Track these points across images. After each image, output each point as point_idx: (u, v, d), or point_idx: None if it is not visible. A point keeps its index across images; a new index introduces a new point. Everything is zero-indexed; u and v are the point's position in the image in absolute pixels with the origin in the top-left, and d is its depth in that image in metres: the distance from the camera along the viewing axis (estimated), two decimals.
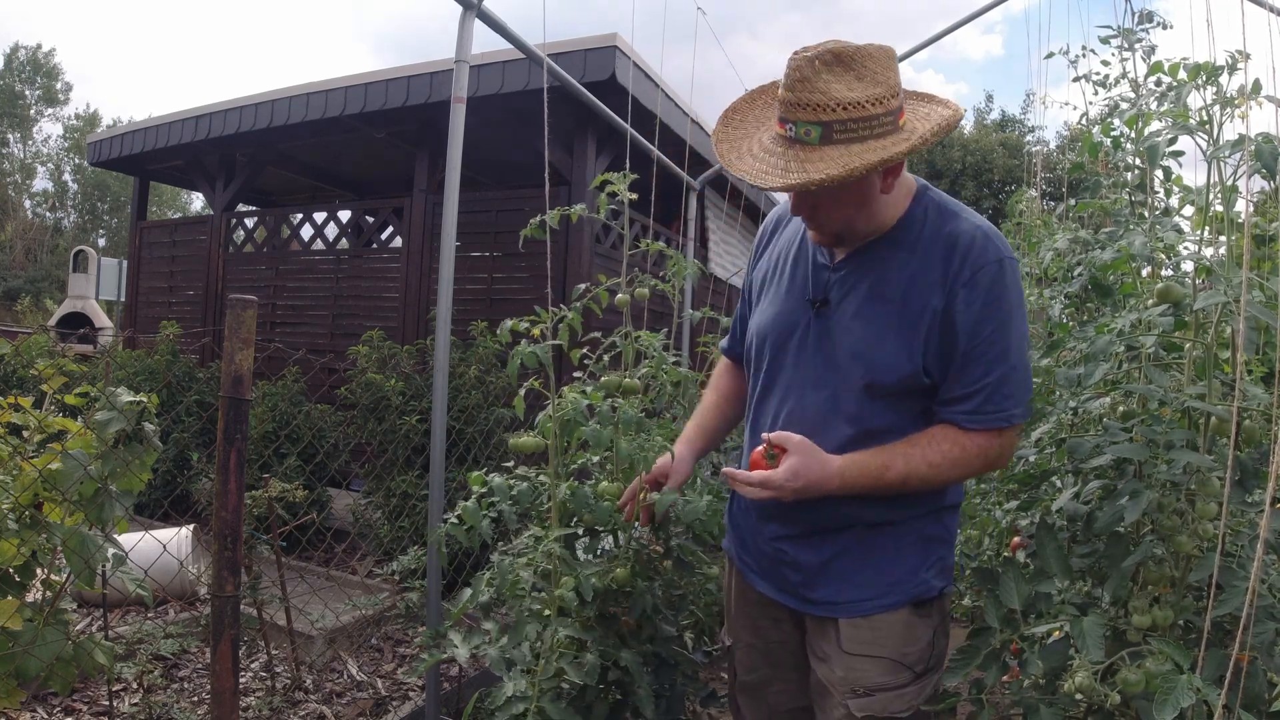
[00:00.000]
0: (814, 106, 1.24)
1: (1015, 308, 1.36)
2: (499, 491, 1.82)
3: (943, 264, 1.36)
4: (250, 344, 1.63)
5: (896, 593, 1.42)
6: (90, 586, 1.63)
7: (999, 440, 1.38)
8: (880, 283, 1.40)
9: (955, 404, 1.37)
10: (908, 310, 1.36)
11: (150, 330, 6.74)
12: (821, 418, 1.43)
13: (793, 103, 1.26)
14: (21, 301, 24.11)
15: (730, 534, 1.69)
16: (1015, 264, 1.37)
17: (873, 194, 1.35)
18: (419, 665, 1.92)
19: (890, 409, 1.40)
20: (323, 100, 5.76)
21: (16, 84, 33.83)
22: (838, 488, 1.36)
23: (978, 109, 27.63)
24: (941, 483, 1.40)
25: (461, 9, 2.38)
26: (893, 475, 1.35)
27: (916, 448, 1.36)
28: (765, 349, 1.54)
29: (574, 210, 1.82)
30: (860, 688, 1.40)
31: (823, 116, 1.24)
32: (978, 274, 1.33)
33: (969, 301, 1.33)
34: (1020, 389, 1.37)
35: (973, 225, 1.38)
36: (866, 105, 1.24)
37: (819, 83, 1.24)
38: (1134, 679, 1.23)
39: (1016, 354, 1.35)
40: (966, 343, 1.33)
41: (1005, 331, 1.34)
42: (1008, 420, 1.36)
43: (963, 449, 1.36)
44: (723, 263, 7.05)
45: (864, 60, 1.25)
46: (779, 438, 1.37)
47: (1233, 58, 1.45)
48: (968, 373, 1.34)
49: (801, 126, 1.26)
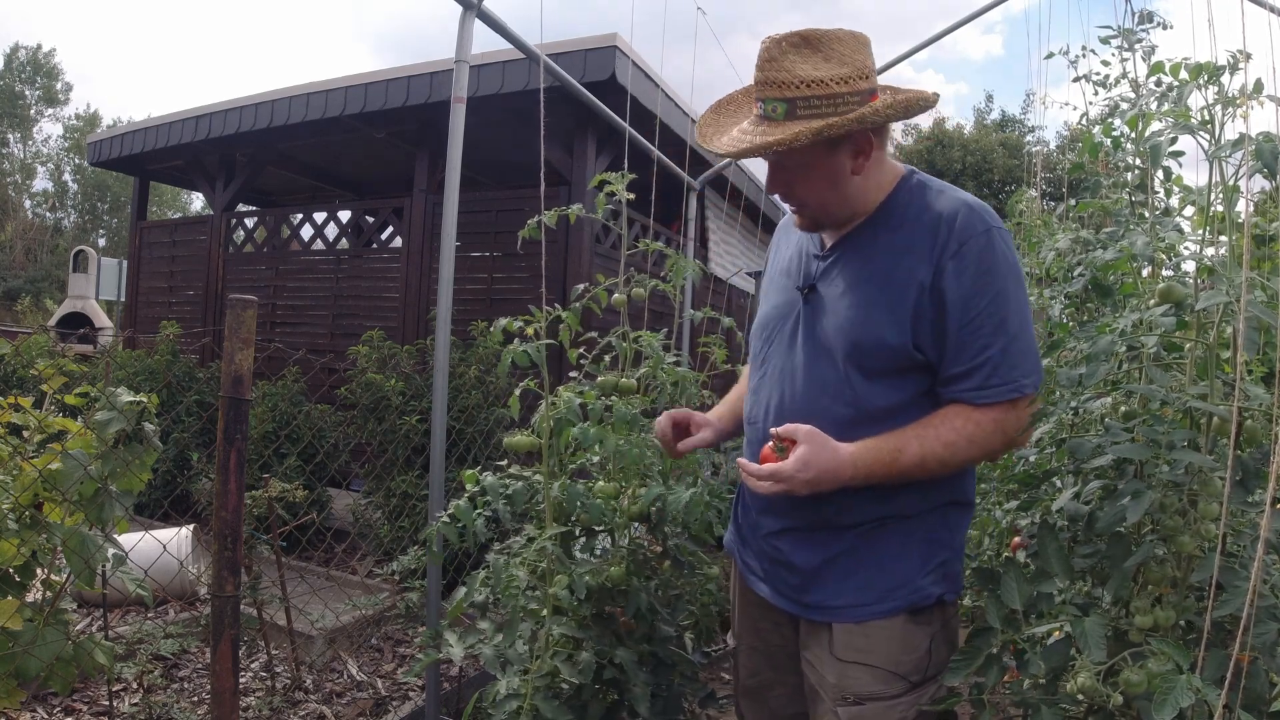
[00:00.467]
0: (780, 84, 1.30)
1: (1009, 277, 1.33)
2: (492, 491, 1.82)
3: (929, 237, 1.34)
4: (250, 344, 1.63)
5: (892, 599, 1.38)
6: (90, 586, 1.63)
7: (1013, 413, 1.34)
8: (866, 262, 1.41)
9: (959, 381, 1.33)
10: (892, 285, 1.35)
11: (150, 330, 6.74)
12: (814, 399, 1.41)
13: (762, 81, 1.33)
14: (21, 301, 24.11)
15: (733, 533, 1.68)
16: (1006, 233, 1.35)
17: (842, 174, 1.38)
18: (416, 665, 1.92)
19: (887, 388, 1.37)
20: (323, 100, 5.76)
21: (16, 84, 33.83)
22: (851, 476, 1.31)
23: (978, 109, 27.66)
24: (960, 464, 1.36)
25: (461, 9, 2.37)
26: (908, 459, 1.31)
27: (929, 428, 1.33)
28: (760, 340, 1.57)
29: (572, 210, 1.82)
30: (851, 695, 1.37)
31: (787, 93, 1.30)
32: (965, 245, 1.31)
33: (958, 273, 1.31)
34: (1026, 358, 1.33)
35: (958, 199, 1.38)
36: (831, 84, 1.30)
37: (785, 62, 1.31)
38: (1136, 679, 1.23)
39: (1016, 323, 1.32)
40: (960, 316, 1.31)
41: (1001, 301, 1.31)
42: (1018, 390, 1.32)
43: (977, 424, 1.32)
44: (723, 263, 7.05)
45: (831, 43, 1.31)
46: (787, 430, 1.33)
47: (1234, 57, 1.45)
48: (967, 348, 1.32)
49: (770, 104, 1.32)
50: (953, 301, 1.31)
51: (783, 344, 1.50)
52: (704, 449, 2.08)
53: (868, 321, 1.36)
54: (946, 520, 1.44)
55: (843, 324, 1.39)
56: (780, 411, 1.46)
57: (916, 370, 1.37)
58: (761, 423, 1.51)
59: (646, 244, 2.14)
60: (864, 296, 1.38)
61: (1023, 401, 1.34)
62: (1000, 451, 1.39)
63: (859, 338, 1.37)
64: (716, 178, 5.03)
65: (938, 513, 1.43)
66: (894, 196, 1.43)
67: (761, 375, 1.55)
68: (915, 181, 1.44)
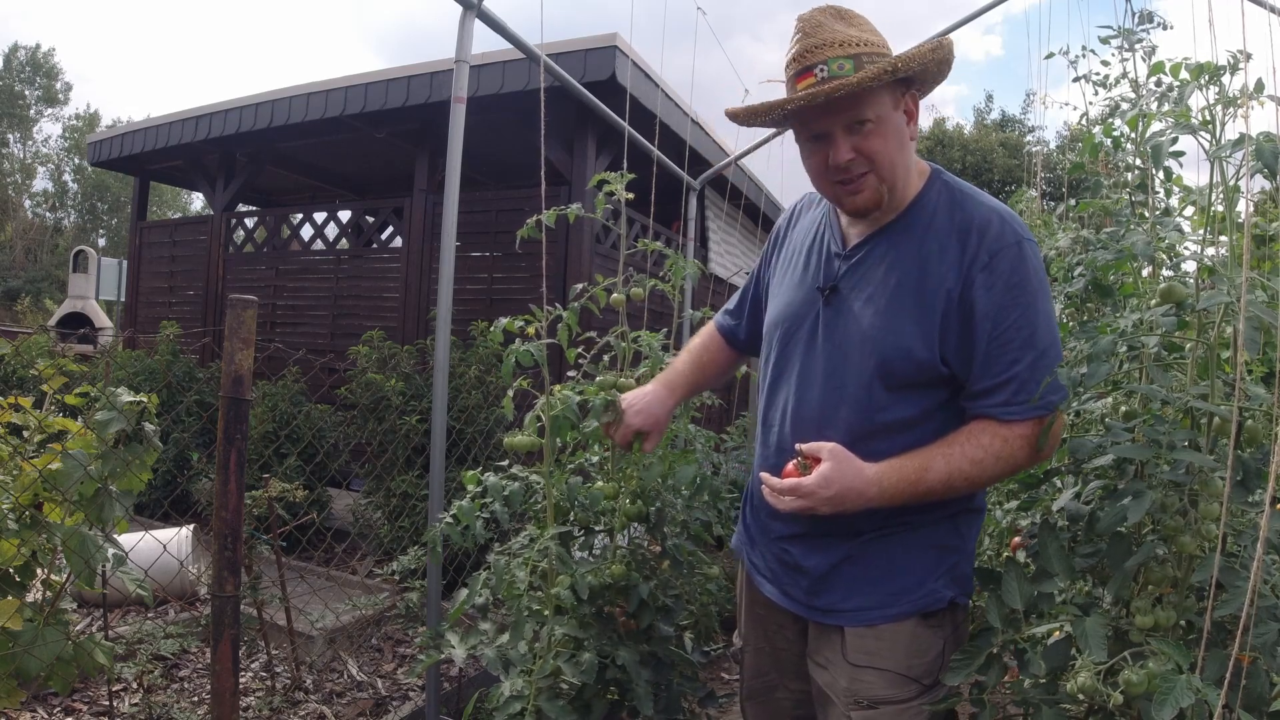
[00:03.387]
0: (840, 44, 1.29)
1: (1039, 290, 1.30)
2: (493, 491, 1.82)
3: (958, 246, 1.31)
4: (250, 344, 1.62)
5: (903, 603, 1.36)
6: (90, 586, 1.62)
7: (1042, 429, 1.31)
8: (893, 267, 1.36)
9: (987, 396, 1.30)
10: (922, 294, 1.31)
11: (150, 330, 6.73)
12: (832, 408, 1.38)
13: (817, 45, 1.30)
14: (21, 301, 24.11)
15: (741, 533, 1.66)
16: (1035, 245, 1.32)
17: (905, 135, 1.35)
18: (417, 665, 1.92)
19: (907, 401, 1.34)
20: (323, 100, 5.76)
21: (16, 84, 33.84)
22: (876, 495, 1.27)
23: (977, 109, 27.65)
24: (988, 481, 1.33)
25: (461, 9, 2.37)
26: (934, 477, 1.28)
27: (955, 446, 1.29)
28: (775, 340, 1.51)
29: (572, 210, 1.82)
30: (864, 699, 1.36)
31: (850, 50, 1.28)
32: (996, 257, 1.28)
33: (989, 286, 1.28)
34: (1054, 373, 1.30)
35: (989, 207, 1.34)
36: (878, 45, 1.31)
37: (833, 27, 1.31)
38: (1137, 679, 1.23)
39: (1045, 338, 1.29)
40: (990, 330, 1.28)
41: (1031, 315, 1.28)
42: (1048, 408, 1.29)
43: (1004, 441, 1.29)
44: (723, 263, 7.05)
45: (858, 19, 1.35)
46: (811, 448, 1.30)
47: (1234, 57, 1.45)
48: (996, 362, 1.28)
49: (834, 62, 1.28)
50: (982, 314, 1.28)
51: (800, 345, 1.45)
52: (702, 440, 2.08)
53: (896, 331, 1.32)
54: (958, 526, 1.42)
55: (868, 332, 1.35)
56: (797, 417, 1.42)
57: (940, 384, 1.34)
58: (778, 426, 1.47)
59: (646, 244, 2.14)
60: (892, 305, 1.34)
61: (1051, 417, 1.32)
62: (1026, 467, 1.36)
63: (886, 350, 1.32)
64: (716, 178, 5.03)
65: (949, 520, 1.41)
66: (924, 195, 1.39)
67: (777, 375, 1.50)
68: (943, 181, 1.41)
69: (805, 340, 1.45)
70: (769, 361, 1.53)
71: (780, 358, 1.50)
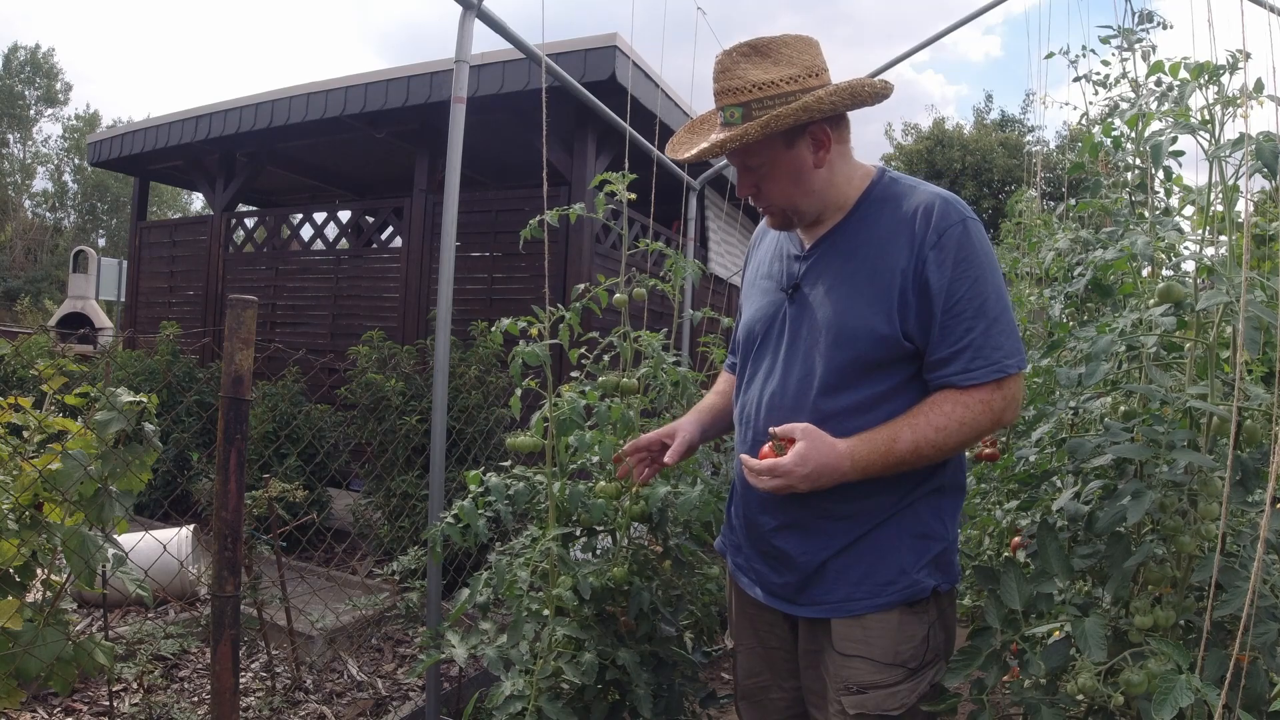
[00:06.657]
0: (734, 90, 1.40)
1: (985, 264, 1.38)
2: (496, 491, 1.82)
3: (908, 230, 1.40)
4: (250, 344, 1.63)
5: (888, 593, 1.41)
6: (90, 586, 1.63)
7: (1000, 393, 1.37)
8: (848, 258, 1.45)
9: (945, 365, 1.38)
10: (879, 276, 1.40)
11: (150, 330, 6.74)
12: (802, 393, 1.45)
13: (718, 92, 1.43)
14: (21, 301, 24.11)
15: (725, 535, 1.69)
16: (979, 223, 1.41)
17: (805, 169, 1.44)
18: (417, 665, 1.92)
19: (873, 379, 1.41)
20: (323, 100, 5.76)
21: (16, 84, 33.84)
22: (850, 468, 1.35)
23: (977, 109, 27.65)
24: (954, 447, 1.40)
25: (461, 9, 2.38)
26: (903, 446, 1.35)
27: (920, 416, 1.37)
28: (747, 343, 1.60)
29: (572, 210, 1.82)
30: (853, 685, 1.41)
31: (741, 98, 1.39)
32: (944, 236, 1.37)
33: (939, 262, 1.36)
34: (1007, 339, 1.38)
35: (933, 193, 1.43)
36: (780, 84, 1.39)
37: (737, 70, 1.40)
38: (1137, 680, 1.23)
39: (995, 306, 1.37)
40: (944, 303, 1.36)
41: (980, 286, 1.36)
42: (1002, 370, 1.36)
43: (965, 406, 1.36)
44: (723, 263, 7.05)
45: (779, 48, 1.41)
46: (784, 430, 1.37)
47: (1234, 57, 1.45)
48: (950, 332, 1.36)
49: (728, 110, 1.41)
50: (936, 290, 1.36)
51: (770, 343, 1.54)
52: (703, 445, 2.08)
53: (857, 313, 1.40)
54: (940, 509, 1.47)
55: (830, 317, 1.43)
56: (771, 408, 1.49)
57: (904, 360, 1.41)
58: (754, 420, 1.53)
59: (646, 244, 2.14)
60: (850, 290, 1.43)
61: (1009, 381, 1.39)
62: (989, 430, 1.43)
63: (851, 330, 1.41)
64: (716, 178, 5.03)
65: (930, 500, 1.45)
66: (869, 193, 1.48)
67: (752, 374, 1.57)
68: (888, 179, 1.50)
69: (775, 338, 1.53)
70: (745, 364, 1.61)
71: (754, 358, 1.58)
